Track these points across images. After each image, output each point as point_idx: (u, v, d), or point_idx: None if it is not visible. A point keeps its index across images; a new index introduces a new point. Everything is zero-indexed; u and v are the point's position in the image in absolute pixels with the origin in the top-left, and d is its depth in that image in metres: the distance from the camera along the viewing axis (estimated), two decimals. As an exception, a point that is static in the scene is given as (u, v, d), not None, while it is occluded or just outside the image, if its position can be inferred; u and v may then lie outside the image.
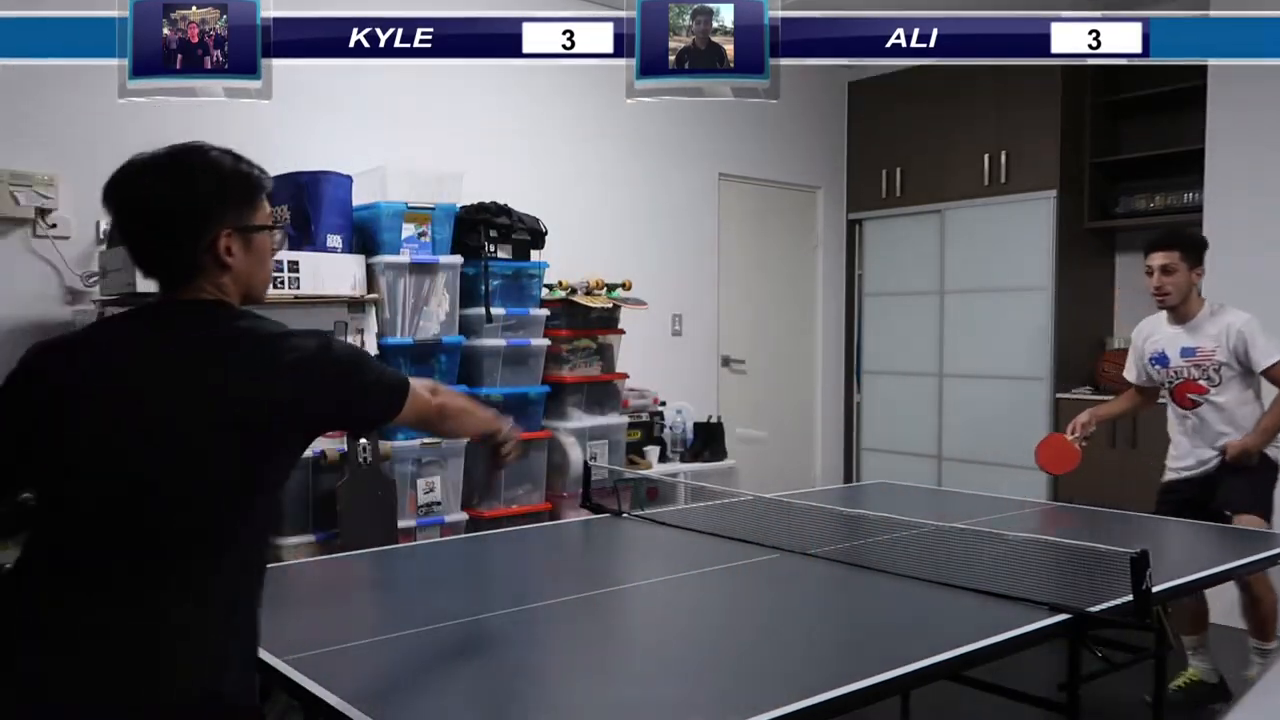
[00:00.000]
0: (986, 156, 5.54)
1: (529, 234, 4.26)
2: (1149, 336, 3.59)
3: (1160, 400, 3.66)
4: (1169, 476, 3.58)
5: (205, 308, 1.46)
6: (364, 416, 1.63)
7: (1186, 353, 3.44)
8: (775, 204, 6.05)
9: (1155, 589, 2.00)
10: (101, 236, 3.67)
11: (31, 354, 1.45)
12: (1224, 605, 4.50)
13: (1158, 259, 3.42)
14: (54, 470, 1.38)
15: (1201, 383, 3.41)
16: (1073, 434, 3.58)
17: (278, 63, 4.13)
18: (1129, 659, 2.38)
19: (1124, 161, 5.33)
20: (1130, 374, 3.72)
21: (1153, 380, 3.61)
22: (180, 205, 1.45)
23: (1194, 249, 3.43)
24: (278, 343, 1.42)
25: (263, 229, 1.54)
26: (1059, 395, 5.27)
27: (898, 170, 6.00)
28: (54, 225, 3.61)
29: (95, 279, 3.61)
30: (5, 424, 1.41)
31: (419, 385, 1.61)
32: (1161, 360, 3.51)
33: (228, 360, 1.39)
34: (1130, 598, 1.98)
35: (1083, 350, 5.41)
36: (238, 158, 1.55)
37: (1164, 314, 3.53)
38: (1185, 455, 3.50)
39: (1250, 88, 4.48)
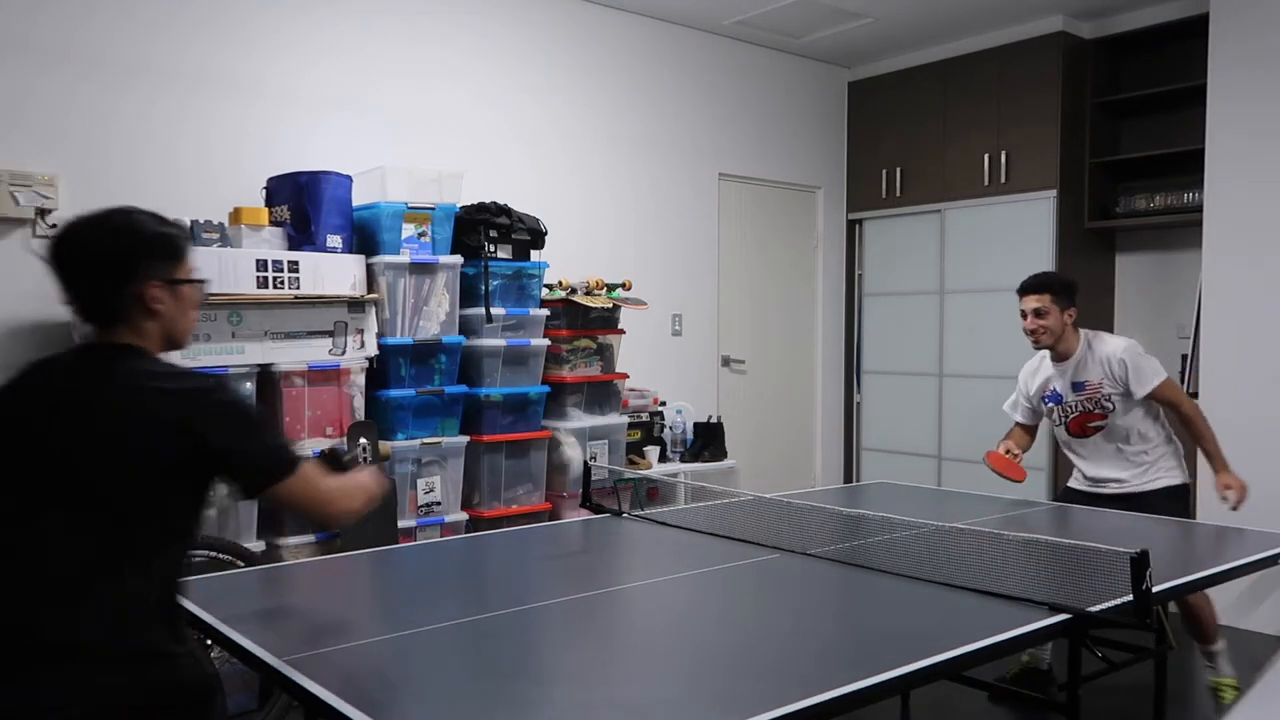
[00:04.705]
0: (986, 156, 5.54)
1: (529, 234, 4.26)
2: (1036, 374, 3.70)
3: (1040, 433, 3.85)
4: (1077, 485, 3.72)
5: (124, 351, 1.68)
6: (247, 458, 1.68)
7: (1077, 388, 3.54)
8: (775, 204, 6.05)
9: (1155, 589, 2.00)
10: (101, 236, 3.66)
11: None
12: (1223, 605, 4.51)
13: (1030, 303, 3.53)
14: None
15: (1097, 412, 3.52)
16: (1010, 453, 3.64)
17: (278, 63, 4.15)
18: (1129, 659, 2.38)
19: (1124, 161, 5.33)
20: (1016, 413, 3.84)
21: (1039, 416, 3.74)
22: (109, 258, 1.66)
23: (1064, 291, 3.53)
24: (180, 376, 1.65)
25: (187, 282, 1.73)
26: (1059, 395, 5.27)
27: (898, 170, 6.00)
28: (54, 225, 3.60)
29: (95, 279, 3.60)
30: None
31: (310, 468, 1.76)
32: (1055, 398, 3.61)
33: (129, 388, 1.62)
34: (1130, 598, 1.98)
35: (1083, 350, 5.41)
36: (162, 220, 1.74)
37: (1046, 354, 3.63)
38: (1094, 470, 3.61)
39: (1251, 86, 4.48)
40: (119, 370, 1.63)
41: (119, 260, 1.65)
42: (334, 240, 3.73)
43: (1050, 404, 3.63)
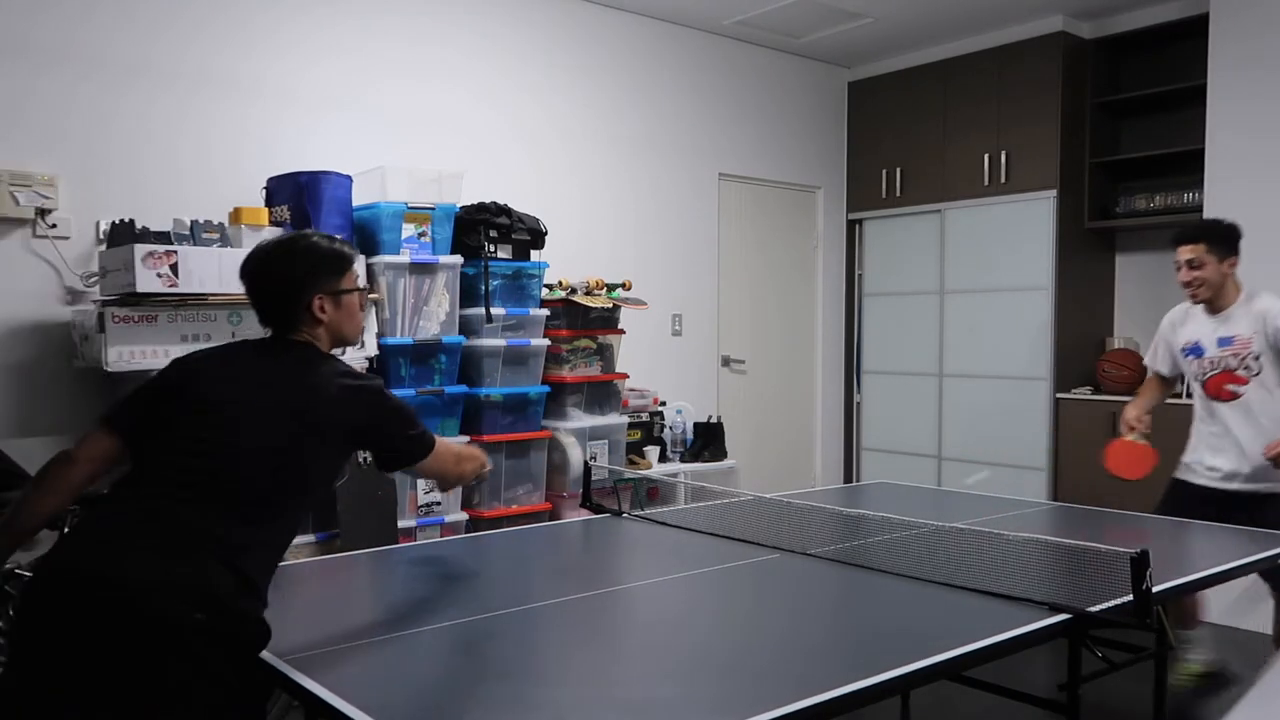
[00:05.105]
0: (986, 156, 5.54)
1: (529, 234, 4.25)
2: (1183, 324, 3.45)
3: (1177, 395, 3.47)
4: (1187, 477, 3.45)
5: (297, 345, 2.04)
6: (391, 443, 2.10)
7: (1223, 342, 3.31)
8: (775, 204, 6.05)
9: (1155, 589, 1.99)
10: (101, 236, 3.67)
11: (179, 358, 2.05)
12: (1223, 605, 4.51)
13: (1184, 253, 3.32)
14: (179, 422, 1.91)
15: (1240, 373, 3.27)
16: (1131, 433, 3.41)
17: (278, 63, 4.15)
18: (1129, 659, 2.38)
19: (1124, 161, 5.33)
20: (1156, 363, 3.58)
21: (1179, 371, 3.48)
22: (284, 278, 2.02)
23: (1221, 240, 3.30)
24: (343, 371, 2.00)
25: (349, 291, 2.07)
26: (1059, 395, 5.27)
27: (898, 170, 6.00)
28: (54, 225, 3.60)
29: (95, 279, 3.61)
30: (154, 393, 1.99)
31: (445, 444, 2.23)
32: (1197, 351, 3.38)
33: (300, 372, 1.97)
34: (1130, 598, 1.98)
35: (1083, 350, 5.42)
36: (332, 239, 2.11)
37: (1193, 304, 3.40)
38: (1216, 458, 3.35)
39: (1251, 86, 4.48)
40: (304, 358, 2.00)
41: (292, 279, 2.01)
42: (334, 240, 3.72)
43: (1190, 357, 3.39)
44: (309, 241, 2.07)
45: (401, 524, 3.73)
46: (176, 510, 1.78)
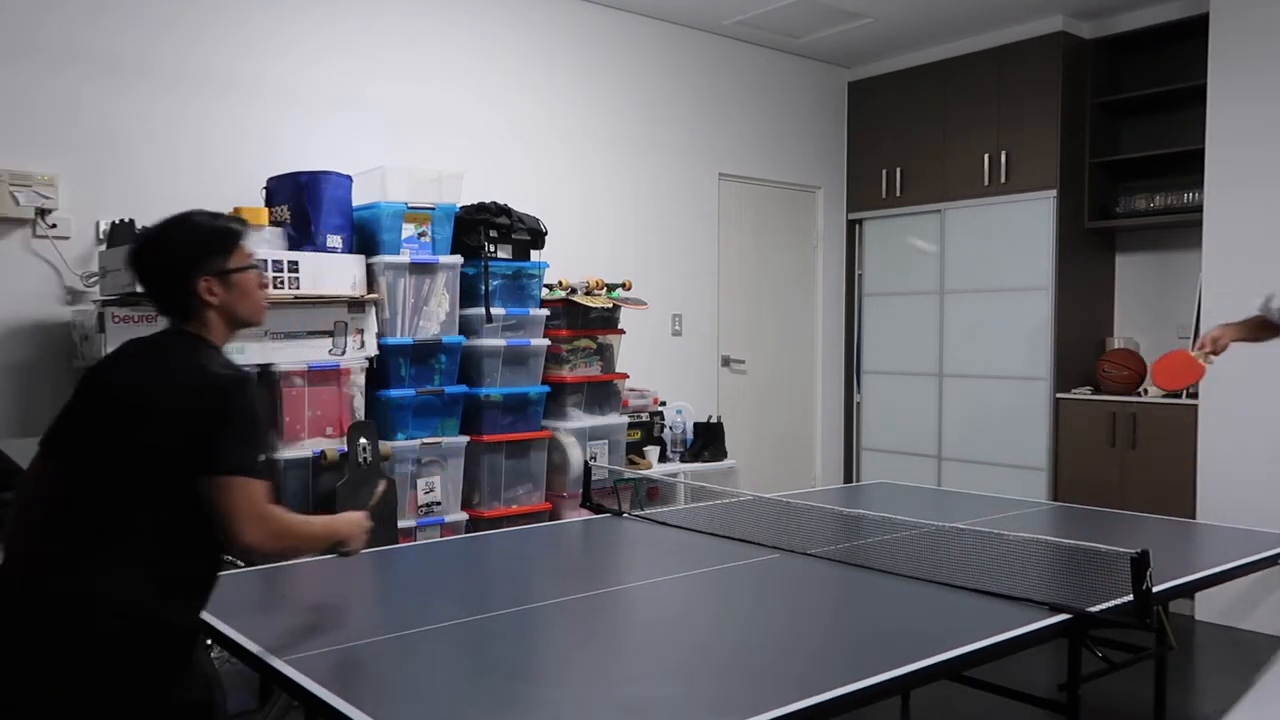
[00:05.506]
0: (986, 156, 5.54)
1: (529, 234, 4.25)
2: None
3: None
4: None
5: (179, 336, 1.90)
6: (208, 441, 1.76)
7: None
8: (775, 204, 6.05)
9: (1155, 589, 2.00)
10: (101, 236, 3.67)
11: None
12: (1223, 605, 4.51)
13: None
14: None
15: None
16: (1201, 349, 3.24)
17: (278, 63, 4.15)
18: (1129, 659, 2.38)
19: (1124, 161, 5.33)
20: (1256, 306, 3.34)
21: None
22: (167, 263, 1.89)
23: None
24: (196, 368, 1.82)
25: (239, 270, 1.92)
26: (1059, 395, 5.27)
27: (898, 170, 6.00)
28: (54, 225, 3.61)
29: (95, 279, 3.61)
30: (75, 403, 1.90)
31: (258, 496, 1.77)
32: None
33: (165, 365, 1.85)
34: (1130, 598, 1.98)
35: (1083, 350, 5.42)
36: (217, 216, 1.96)
37: None
38: None
39: (1251, 86, 4.48)
40: (178, 350, 1.86)
41: (171, 263, 1.88)
42: (334, 240, 3.73)
43: None
44: (191, 221, 1.93)
45: (401, 524, 3.73)
46: (87, 520, 1.74)
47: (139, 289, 1.93)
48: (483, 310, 4.02)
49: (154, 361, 1.85)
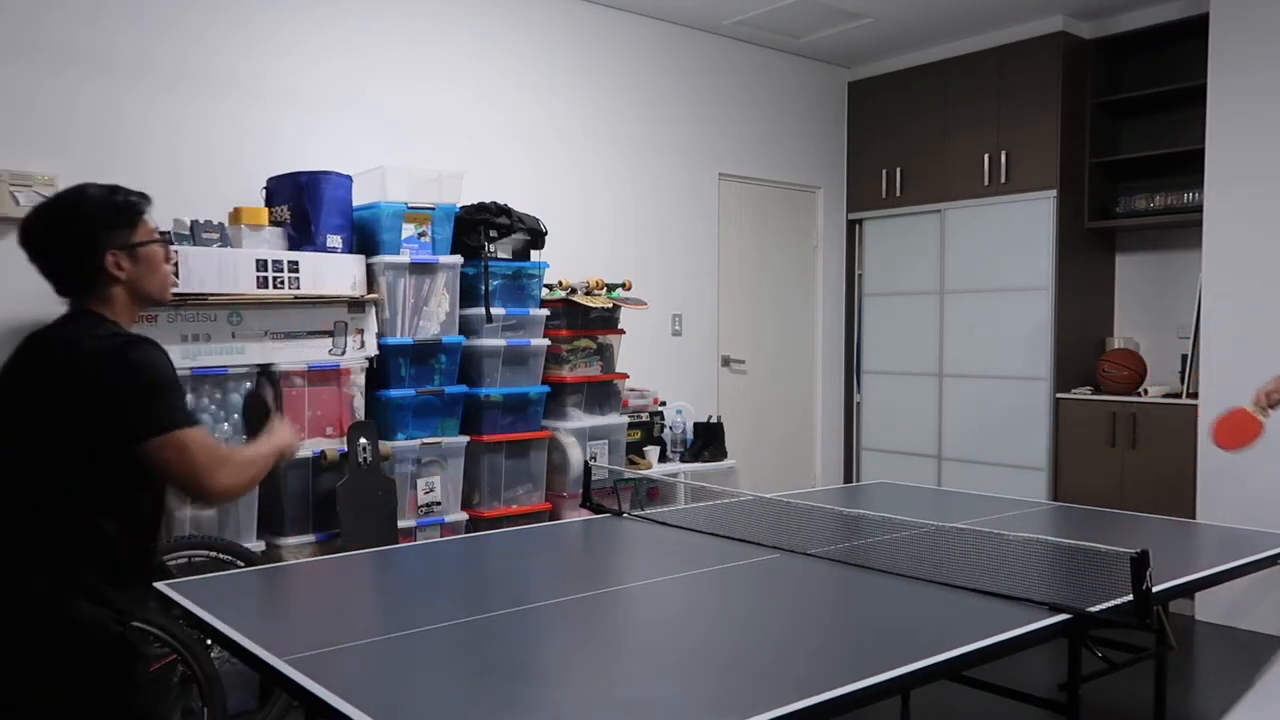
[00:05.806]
0: (986, 156, 5.54)
1: (529, 234, 4.26)
2: None
3: None
4: None
5: (81, 316, 1.83)
6: (122, 411, 1.72)
7: None
8: (775, 204, 6.05)
9: (1155, 589, 1.99)
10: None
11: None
12: (1223, 605, 4.51)
13: None
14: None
15: None
16: (1258, 405, 3.25)
17: (278, 63, 4.15)
18: (1129, 659, 2.38)
19: (1124, 161, 5.33)
20: None
21: None
22: (73, 237, 1.81)
23: None
24: (103, 341, 1.75)
25: (145, 244, 1.87)
26: (1059, 395, 5.27)
27: (898, 170, 6.00)
28: (54, 225, 3.60)
29: (95, 279, 3.60)
30: None
31: (201, 438, 1.77)
32: None
33: (63, 351, 1.77)
34: (1130, 598, 1.98)
35: (1083, 350, 5.42)
36: (114, 190, 1.87)
37: None
38: None
39: (1251, 86, 4.48)
40: (79, 328, 1.78)
41: (75, 238, 1.80)
42: (334, 240, 3.73)
43: None
44: (91, 194, 1.85)
45: (401, 524, 3.73)
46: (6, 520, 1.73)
47: (39, 265, 1.83)
48: (483, 310, 4.02)
49: (63, 342, 1.77)
